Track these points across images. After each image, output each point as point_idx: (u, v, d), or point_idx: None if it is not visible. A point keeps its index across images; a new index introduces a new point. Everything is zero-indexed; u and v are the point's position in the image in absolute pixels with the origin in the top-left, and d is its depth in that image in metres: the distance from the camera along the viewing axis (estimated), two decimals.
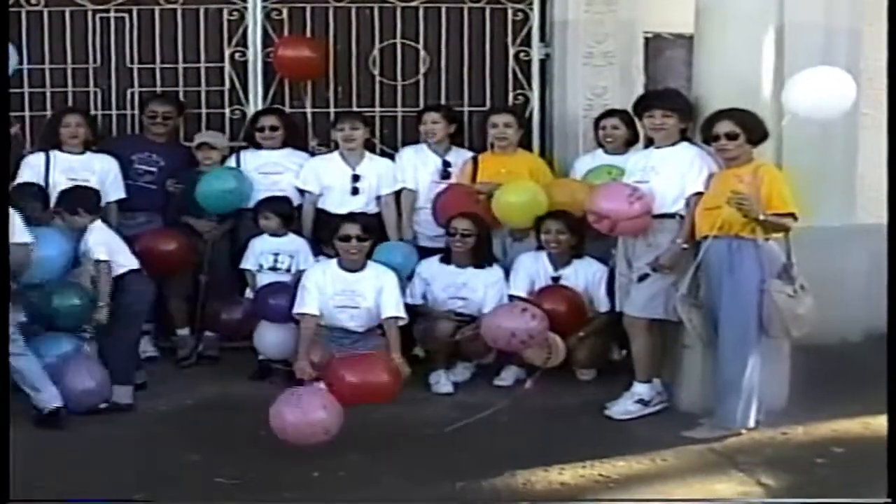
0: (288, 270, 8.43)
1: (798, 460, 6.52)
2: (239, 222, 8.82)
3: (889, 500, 5.49)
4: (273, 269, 8.45)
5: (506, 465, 6.36)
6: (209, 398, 7.74)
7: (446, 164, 8.81)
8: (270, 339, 8.15)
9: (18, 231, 7.06)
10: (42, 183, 8.38)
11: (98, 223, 7.82)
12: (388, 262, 8.18)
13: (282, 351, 8.11)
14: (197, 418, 7.40)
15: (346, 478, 6.24)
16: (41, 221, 7.72)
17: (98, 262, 7.59)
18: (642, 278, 7.28)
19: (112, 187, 8.63)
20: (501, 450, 6.70)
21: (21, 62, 8.32)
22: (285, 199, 8.69)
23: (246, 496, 6.02)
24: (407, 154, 8.94)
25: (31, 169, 8.48)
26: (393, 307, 7.92)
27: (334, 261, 8.05)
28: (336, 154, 8.83)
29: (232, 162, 8.90)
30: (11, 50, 7.96)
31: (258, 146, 8.92)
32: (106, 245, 7.68)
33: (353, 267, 7.98)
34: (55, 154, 8.55)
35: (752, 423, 6.93)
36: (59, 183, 8.39)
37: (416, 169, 8.81)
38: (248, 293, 8.51)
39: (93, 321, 7.53)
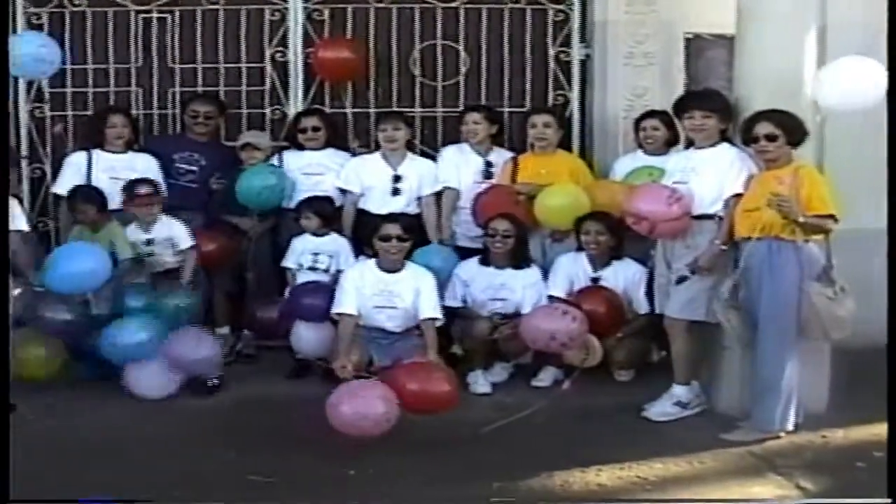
0: (326, 270, 8.44)
1: (837, 464, 6.48)
2: (281, 221, 8.85)
3: (889, 500, 5.48)
4: (312, 268, 8.46)
5: (543, 466, 6.36)
6: (246, 396, 7.75)
7: (488, 165, 8.79)
8: (307, 337, 8.14)
9: (17, 220, 7.30)
10: (84, 182, 8.49)
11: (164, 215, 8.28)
12: (427, 265, 8.17)
13: (317, 350, 8.10)
14: (233, 416, 7.41)
15: (382, 477, 6.23)
16: (98, 224, 8.05)
17: (184, 250, 8.25)
18: (681, 280, 7.26)
19: None
20: (539, 450, 6.70)
21: (64, 62, 8.35)
22: (327, 199, 8.71)
23: (281, 495, 6.03)
24: (449, 153, 8.93)
25: (73, 168, 8.58)
26: (430, 308, 7.91)
27: (373, 261, 8.05)
28: (377, 154, 8.86)
29: (275, 163, 8.92)
30: (56, 48, 8.01)
31: (300, 147, 8.95)
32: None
33: (392, 267, 7.97)
34: (97, 153, 8.65)
35: (790, 426, 6.89)
36: (101, 182, 8.50)
37: (459, 168, 8.80)
38: (288, 292, 8.52)
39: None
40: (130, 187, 8.25)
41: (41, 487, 5.86)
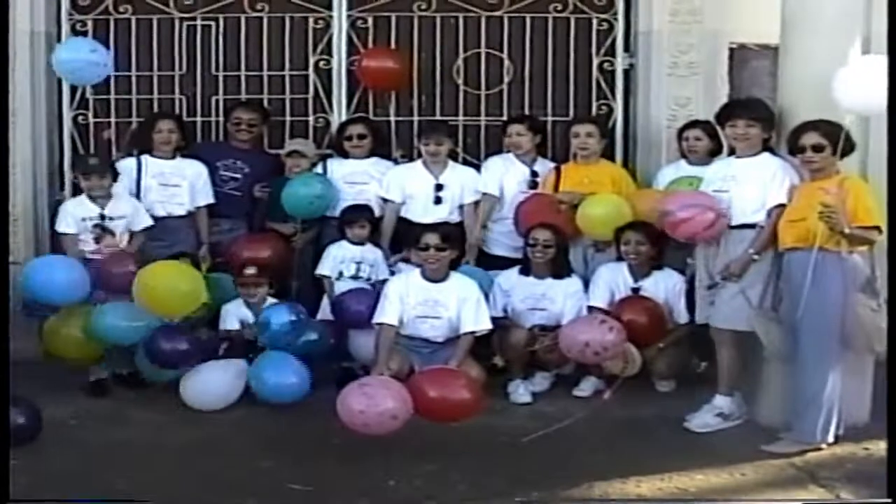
0: (368, 279, 8.46)
1: (879, 477, 6.37)
2: (324, 230, 8.86)
3: (889, 500, 5.44)
4: (355, 277, 8.47)
5: (583, 477, 6.36)
6: (283, 404, 7.72)
7: (534, 175, 8.79)
8: (365, 344, 8.13)
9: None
10: (134, 187, 8.58)
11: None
12: None
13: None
14: (271, 424, 7.42)
15: (422, 486, 6.23)
16: None
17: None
18: (711, 286, 7.27)
19: (202, 192, 8.81)
20: (578, 461, 6.68)
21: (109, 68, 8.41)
22: (368, 208, 8.72)
23: (319, 503, 6.04)
24: (494, 162, 8.94)
25: (123, 174, 8.59)
26: (471, 321, 7.88)
27: (417, 270, 8.04)
28: (419, 163, 8.87)
29: (319, 170, 8.93)
30: (105, 51, 8.08)
31: (345, 154, 8.97)
32: None
33: (436, 277, 7.96)
34: (147, 159, 8.71)
35: (832, 438, 6.84)
36: (151, 188, 8.60)
37: (503, 178, 8.80)
38: (325, 301, 8.53)
39: None
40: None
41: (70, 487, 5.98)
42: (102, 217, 8.16)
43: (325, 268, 8.54)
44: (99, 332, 7.64)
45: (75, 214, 8.18)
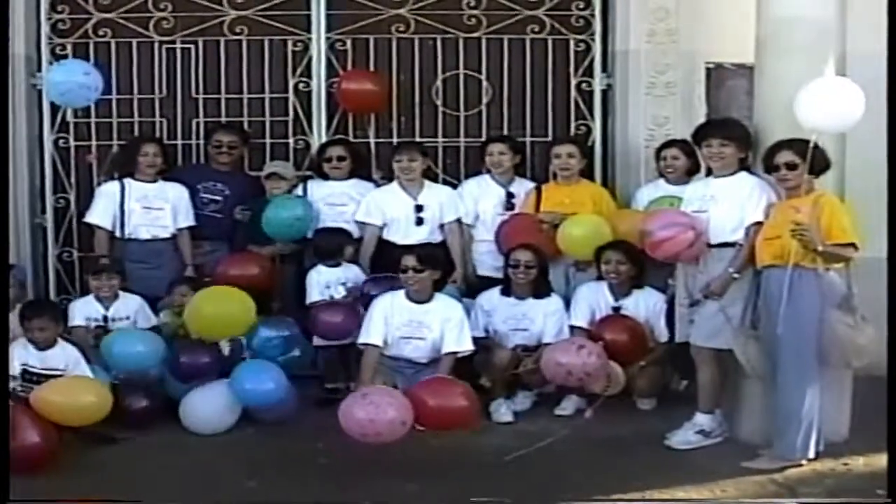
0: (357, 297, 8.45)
1: (859, 492, 6.46)
2: (305, 251, 8.87)
3: (889, 501, 5.47)
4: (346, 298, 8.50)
5: (565, 495, 6.40)
6: (268, 424, 7.73)
7: (510, 196, 8.83)
8: None
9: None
10: (118, 211, 8.61)
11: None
12: None
13: None
14: (256, 444, 7.43)
15: None
16: None
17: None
18: (693, 304, 7.31)
19: (184, 215, 8.84)
20: (561, 479, 6.71)
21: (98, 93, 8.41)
22: (343, 230, 8.76)
23: None
24: (469, 187, 8.99)
25: (106, 197, 8.67)
26: (453, 342, 7.91)
27: (402, 291, 8.04)
28: (395, 185, 8.88)
29: (299, 192, 8.97)
30: (98, 75, 8.08)
31: (325, 176, 8.99)
32: None
33: (420, 298, 7.97)
34: (130, 182, 8.73)
35: (812, 454, 6.87)
36: (134, 211, 8.64)
37: (478, 201, 8.84)
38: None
39: None
40: None
41: None
42: (105, 319, 8.22)
43: (314, 295, 8.52)
44: (111, 361, 7.74)
45: (82, 312, 8.25)
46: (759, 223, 7.04)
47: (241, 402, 7.62)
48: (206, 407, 7.66)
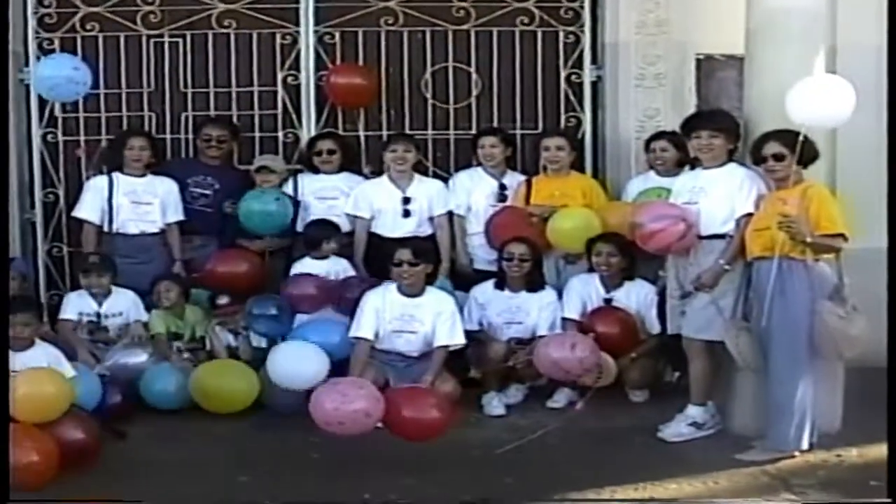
0: None
1: (852, 483, 6.46)
2: (294, 244, 8.85)
3: (889, 500, 5.47)
4: None
5: (557, 487, 6.38)
6: (260, 419, 7.72)
7: (502, 188, 8.82)
8: None
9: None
10: (106, 206, 8.58)
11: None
12: None
13: None
14: (248, 439, 7.42)
15: (398, 500, 6.22)
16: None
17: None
18: (684, 296, 7.30)
19: (173, 209, 8.82)
20: (553, 471, 6.70)
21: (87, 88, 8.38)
22: (333, 223, 8.72)
23: None
24: (461, 179, 8.97)
25: (94, 192, 8.66)
26: (445, 336, 7.90)
27: (394, 285, 8.01)
28: (384, 178, 8.87)
29: (289, 186, 8.94)
30: (87, 70, 8.04)
31: (315, 170, 8.98)
32: None
33: (411, 292, 7.95)
34: (118, 177, 8.72)
35: (805, 446, 6.88)
36: (123, 205, 8.62)
37: (471, 193, 8.82)
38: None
39: None
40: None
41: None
42: (98, 315, 8.25)
43: None
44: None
45: (76, 306, 8.29)
46: (750, 215, 7.02)
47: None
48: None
